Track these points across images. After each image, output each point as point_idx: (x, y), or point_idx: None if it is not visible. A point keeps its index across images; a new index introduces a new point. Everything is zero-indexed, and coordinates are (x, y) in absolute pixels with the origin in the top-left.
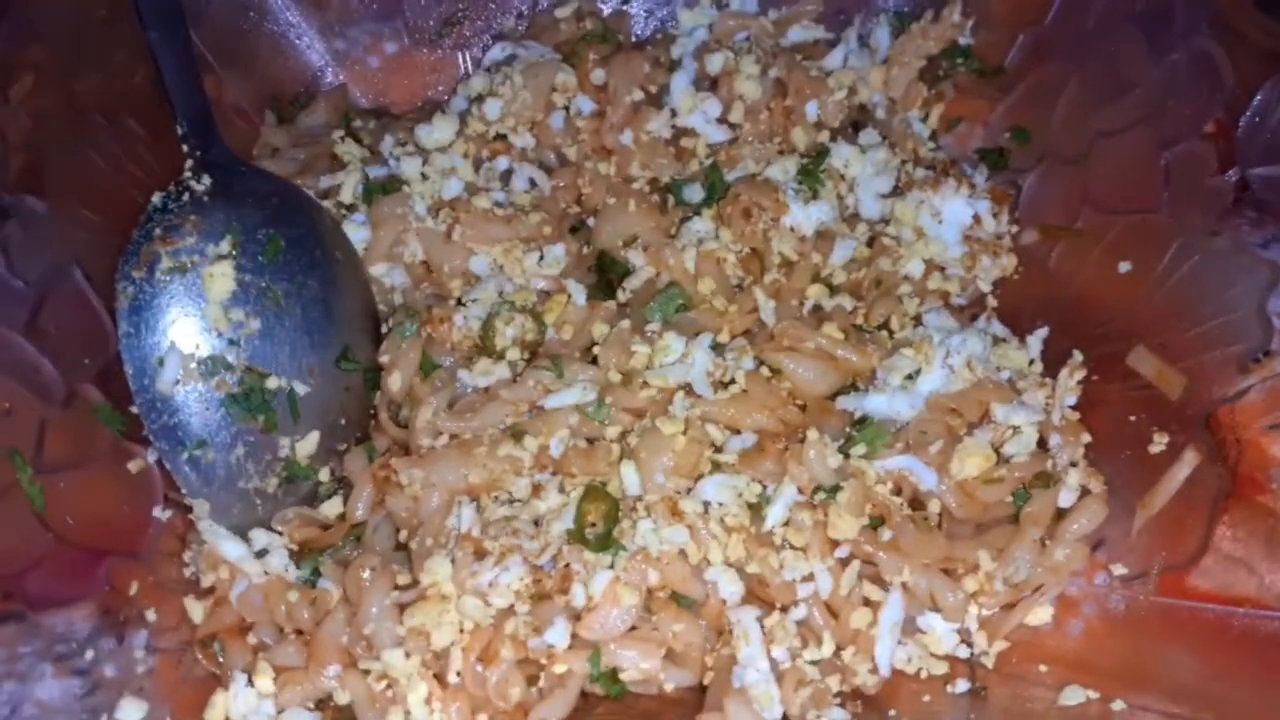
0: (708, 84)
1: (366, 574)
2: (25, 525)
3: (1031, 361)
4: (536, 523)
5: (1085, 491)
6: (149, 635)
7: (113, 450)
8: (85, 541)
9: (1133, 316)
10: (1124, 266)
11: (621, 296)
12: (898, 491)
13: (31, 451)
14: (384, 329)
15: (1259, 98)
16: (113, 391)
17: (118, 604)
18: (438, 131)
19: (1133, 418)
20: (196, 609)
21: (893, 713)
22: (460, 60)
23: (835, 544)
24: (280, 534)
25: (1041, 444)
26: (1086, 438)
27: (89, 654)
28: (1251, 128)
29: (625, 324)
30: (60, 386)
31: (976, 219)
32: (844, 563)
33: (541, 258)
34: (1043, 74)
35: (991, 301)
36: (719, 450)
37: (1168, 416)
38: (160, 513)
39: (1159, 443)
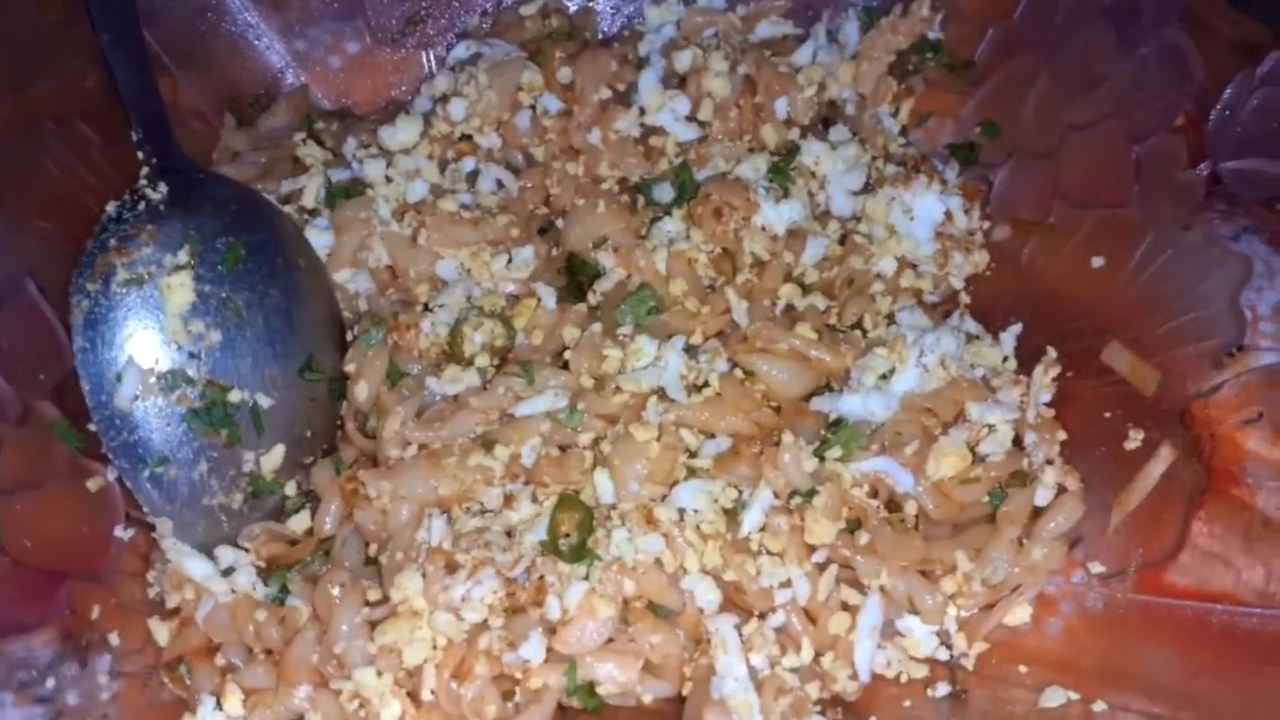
0: (676, 81)
1: (336, 591)
2: None
3: (1005, 358)
4: (509, 534)
5: (1061, 489)
6: (113, 659)
7: (71, 468)
8: (44, 564)
9: (1106, 312)
10: (1096, 261)
11: (592, 299)
12: (874, 494)
13: None
14: (349, 337)
15: (1229, 91)
16: (69, 407)
17: (79, 628)
18: (401, 133)
19: (1107, 414)
20: (161, 631)
21: (874, 718)
22: (424, 59)
23: (812, 548)
24: (247, 551)
25: (1017, 442)
26: (1062, 435)
27: (50, 681)
28: (1222, 121)
29: (596, 327)
30: (14, 403)
31: (948, 215)
32: (821, 567)
33: (510, 260)
34: (1013, 68)
35: (964, 298)
36: (693, 455)
37: (1142, 412)
38: (122, 532)
39: (1134, 439)
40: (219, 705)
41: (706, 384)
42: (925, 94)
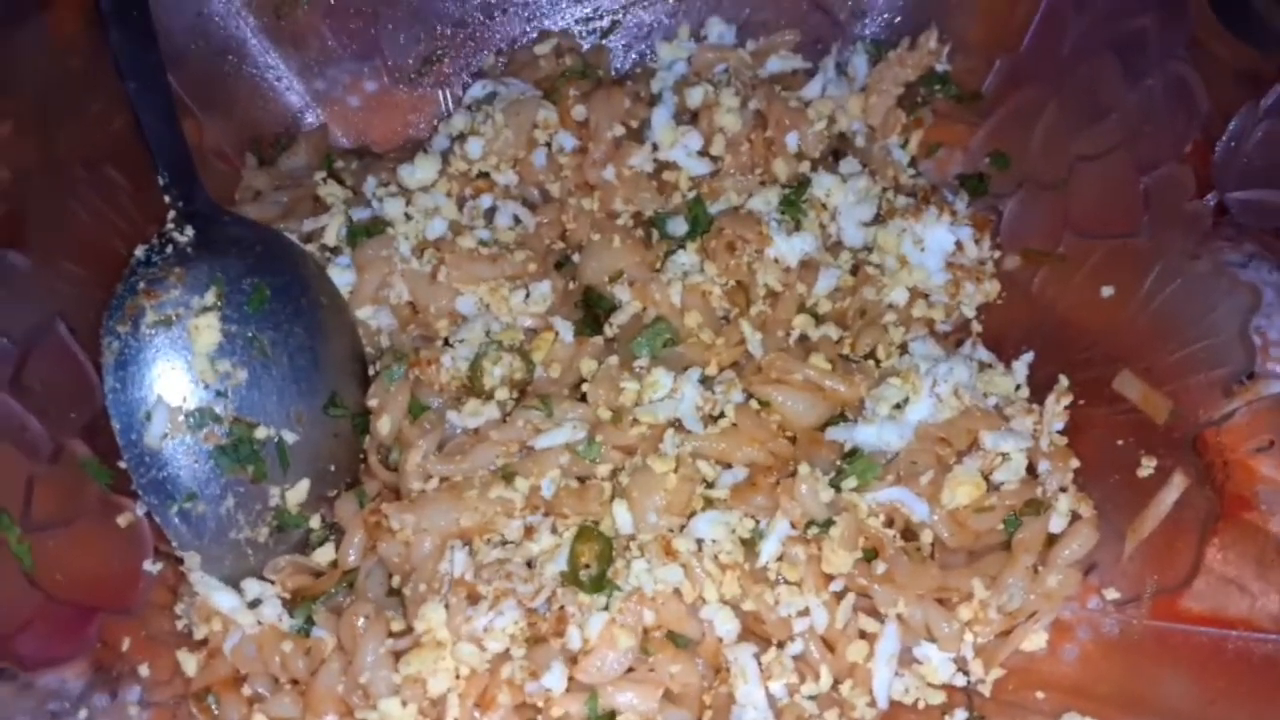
0: (688, 117)
1: (361, 622)
2: (14, 585)
3: (1018, 387)
4: (530, 564)
5: (1075, 516)
6: (142, 690)
7: (101, 505)
8: (76, 598)
9: (1117, 340)
10: (1106, 290)
11: (609, 331)
12: (889, 523)
13: (19, 510)
14: (371, 372)
15: (1234, 122)
16: (100, 445)
17: (110, 660)
18: (420, 171)
19: (1120, 442)
20: (190, 662)
21: None
22: (441, 98)
23: (829, 578)
24: (273, 583)
25: (1030, 470)
26: (1075, 463)
27: (82, 712)
28: (1228, 152)
29: (613, 360)
30: (47, 442)
31: (959, 245)
32: (839, 596)
33: (528, 295)
34: (1020, 99)
35: (976, 327)
36: (710, 486)
37: (1155, 440)
38: (151, 566)
39: (1147, 466)
40: None
41: (722, 415)
42: (934, 125)
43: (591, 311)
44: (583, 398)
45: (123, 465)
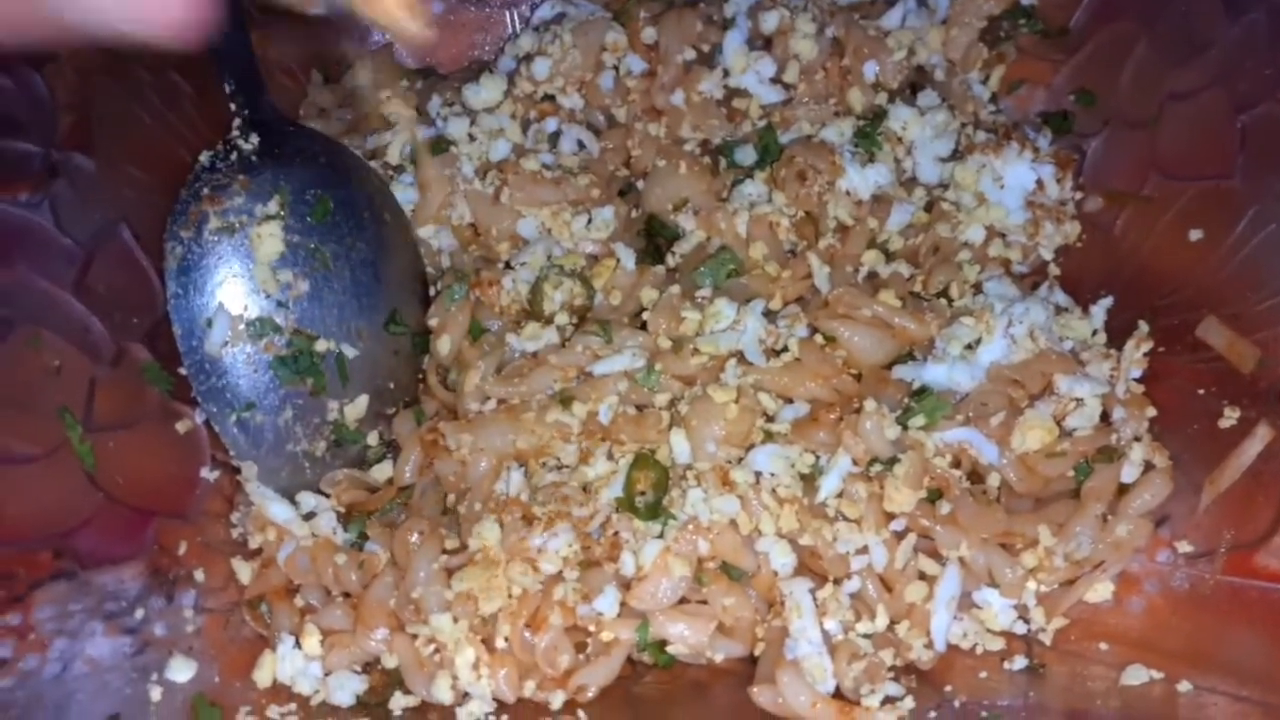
0: (761, 43)
1: (415, 537)
2: (76, 484)
3: (1095, 332)
4: (585, 489)
5: (1149, 466)
6: (197, 595)
7: (161, 411)
8: (134, 501)
9: (1202, 286)
10: (1194, 234)
11: (671, 261)
12: (956, 464)
13: (81, 410)
14: (432, 292)
15: None
16: (161, 351)
17: (166, 564)
18: (485, 92)
19: (1201, 391)
20: (244, 570)
21: (949, 688)
22: (508, 19)
23: (890, 516)
24: (328, 497)
25: (1104, 417)
26: (1151, 411)
27: (139, 613)
28: None
29: (675, 289)
30: (109, 345)
31: (1039, 184)
32: (899, 536)
33: (590, 221)
34: (1110, 34)
35: (1053, 270)
36: (771, 419)
37: (1239, 390)
38: (208, 473)
39: (1229, 417)
40: (298, 644)
41: (785, 349)
42: (1017, 61)
43: (654, 240)
44: (643, 326)
45: (183, 372)
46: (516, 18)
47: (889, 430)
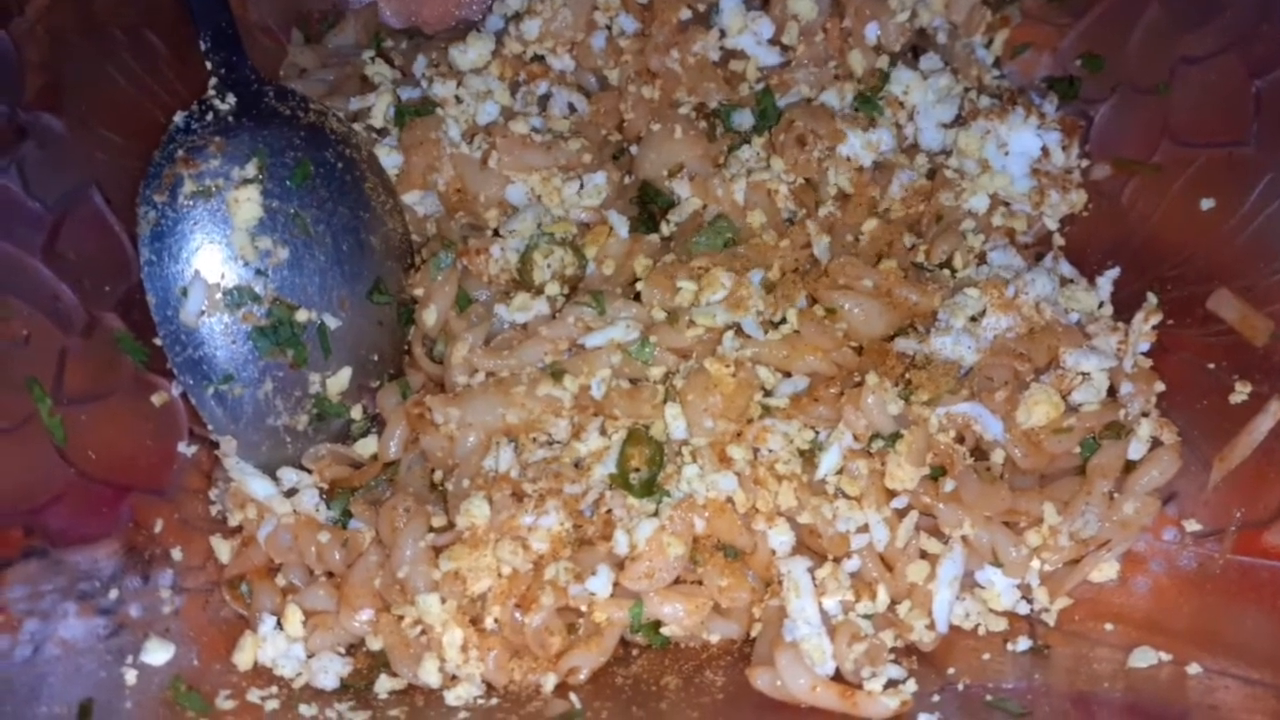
0: (759, 2)
1: (400, 515)
2: (45, 459)
3: (1101, 304)
4: (577, 466)
5: (1157, 443)
6: (175, 575)
7: (135, 382)
8: (107, 476)
9: (1213, 257)
10: (1206, 204)
11: (665, 229)
12: (960, 440)
13: (51, 382)
14: (418, 260)
15: None
16: (134, 321)
17: (142, 542)
18: (472, 52)
19: (1211, 365)
20: (223, 548)
21: (951, 671)
22: None
23: (891, 494)
24: (310, 472)
25: (1111, 392)
26: (1160, 386)
27: (113, 593)
28: None
29: (669, 258)
30: (80, 314)
31: (1045, 151)
32: (900, 514)
33: (581, 187)
34: None
35: (1059, 240)
36: (769, 394)
37: (1251, 364)
38: (185, 448)
39: (1240, 392)
40: (279, 625)
41: (784, 320)
42: (1021, 25)
43: (648, 207)
44: (636, 296)
45: (158, 342)
46: None
47: (891, 405)
